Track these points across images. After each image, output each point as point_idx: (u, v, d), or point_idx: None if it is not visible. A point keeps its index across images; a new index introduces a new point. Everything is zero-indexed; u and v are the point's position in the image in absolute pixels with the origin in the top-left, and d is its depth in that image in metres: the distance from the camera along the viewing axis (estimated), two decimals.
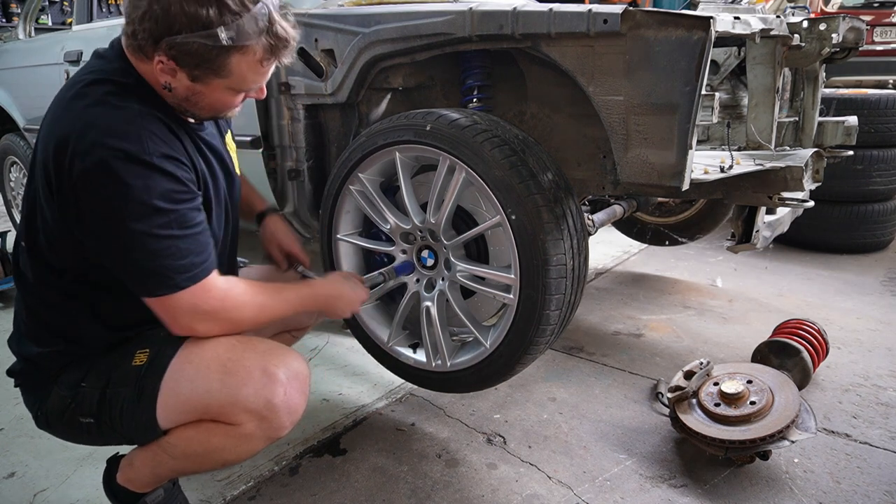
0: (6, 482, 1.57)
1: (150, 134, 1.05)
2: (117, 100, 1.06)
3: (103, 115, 1.03)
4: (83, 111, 1.04)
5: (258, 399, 1.10)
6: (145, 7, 1.00)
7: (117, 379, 1.15)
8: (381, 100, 1.86)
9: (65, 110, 1.07)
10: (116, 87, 1.07)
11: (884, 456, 1.59)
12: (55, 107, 1.10)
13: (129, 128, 1.03)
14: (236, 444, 1.15)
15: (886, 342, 2.24)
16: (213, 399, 1.11)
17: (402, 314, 1.71)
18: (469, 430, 1.75)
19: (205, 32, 1.00)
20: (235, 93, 1.13)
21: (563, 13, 1.35)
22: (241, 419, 1.11)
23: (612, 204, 2.12)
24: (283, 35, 1.07)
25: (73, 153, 1.01)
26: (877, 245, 3.29)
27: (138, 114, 1.05)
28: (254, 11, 1.02)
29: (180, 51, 1.01)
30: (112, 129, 1.02)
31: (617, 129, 1.37)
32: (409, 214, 1.60)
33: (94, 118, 1.03)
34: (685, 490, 1.48)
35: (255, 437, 1.14)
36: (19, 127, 3.33)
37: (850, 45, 1.97)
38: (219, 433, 1.14)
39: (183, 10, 0.99)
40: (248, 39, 1.03)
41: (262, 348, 1.16)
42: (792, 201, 1.58)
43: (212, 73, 1.06)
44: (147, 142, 1.04)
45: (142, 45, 1.04)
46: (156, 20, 1.00)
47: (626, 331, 2.38)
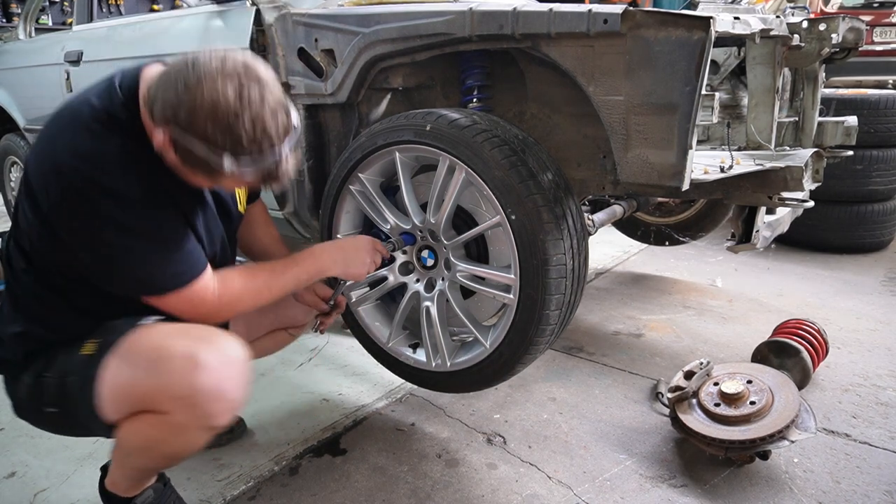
0: (6, 482, 1.57)
1: (134, 173, 1.06)
2: (112, 135, 1.07)
3: (93, 147, 1.05)
4: (76, 138, 1.05)
5: (182, 385, 1.05)
6: (176, 93, 0.99)
7: (69, 368, 1.15)
8: (381, 100, 1.86)
9: (61, 131, 1.07)
10: (114, 122, 1.08)
11: (883, 456, 1.59)
12: (55, 123, 1.10)
13: (115, 164, 1.05)
14: (173, 436, 1.11)
15: (886, 342, 2.24)
16: (140, 387, 1.09)
17: (402, 314, 1.71)
18: (469, 430, 1.75)
19: (212, 150, 1.00)
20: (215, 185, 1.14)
21: (563, 13, 1.35)
22: (169, 407, 1.07)
23: (612, 204, 2.12)
24: (283, 173, 1.07)
25: (58, 177, 1.04)
26: (877, 245, 3.29)
27: (126, 151, 1.07)
28: (264, 157, 1.03)
29: (182, 145, 1.01)
30: (98, 163, 1.04)
31: (617, 129, 1.37)
32: (409, 214, 1.60)
33: (83, 149, 1.05)
34: (685, 490, 1.48)
35: (190, 427, 1.09)
36: (19, 127, 3.33)
37: (850, 45, 1.97)
38: (154, 424, 1.10)
39: (205, 124, 0.98)
40: (248, 174, 1.04)
41: (195, 334, 1.12)
42: (792, 201, 1.58)
43: (200, 172, 1.06)
44: (129, 179, 1.06)
45: (154, 112, 1.03)
46: (177, 109, 0.99)
47: (626, 331, 2.38)
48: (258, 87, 1.00)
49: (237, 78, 0.98)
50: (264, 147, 1.02)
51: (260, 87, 1.00)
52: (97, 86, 1.13)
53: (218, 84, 0.97)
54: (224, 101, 0.97)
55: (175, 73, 1.00)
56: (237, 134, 0.99)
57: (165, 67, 1.04)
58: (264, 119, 1.00)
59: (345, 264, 1.40)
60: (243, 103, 0.98)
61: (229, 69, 0.99)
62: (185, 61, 1.00)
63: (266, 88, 1.01)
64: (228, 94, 0.97)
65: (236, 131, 0.98)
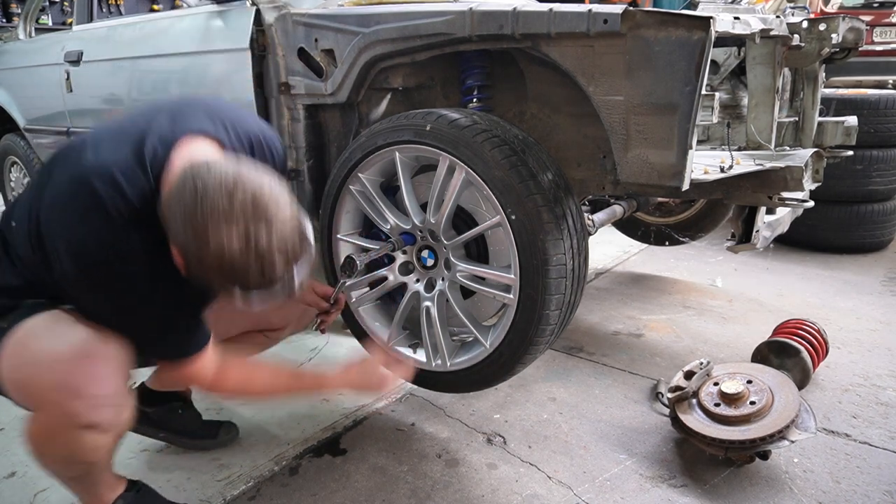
0: (6, 482, 1.57)
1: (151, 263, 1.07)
2: (135, 230, 1.06)
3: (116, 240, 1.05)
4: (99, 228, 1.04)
5: (41, 384, 1.05)
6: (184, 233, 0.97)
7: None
8: (381, 100, 1.86)
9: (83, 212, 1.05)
10: (139, 216, 1.06)
11: (883, 456, 1.59)
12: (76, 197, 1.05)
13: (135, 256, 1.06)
14: (52, 435, 1.09)
15: (886, 342, 2.24)
16: (14, 380, 1.09)
17: (402, 314, 1.71)
18: (469, 430, 1.75)
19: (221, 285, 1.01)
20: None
21: (563, 13, 1.35)
22: (34, 405, 1.08)
23: (612, 204, 2.12)
24: (294, 292, 1.07)
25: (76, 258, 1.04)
26: (877, 245, 3.29)
27: (146, 245, 1.06)
28: (273, 289, 1.02)
29: (195, 272, 1.01)
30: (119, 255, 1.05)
31: (617, 129, 1.37)
32: (409, 214, 1.60)
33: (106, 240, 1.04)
34: (685, 490, 1.48)
35: (60, 426, 1.07)
36: (19, 127, 3.33)
37: (850, 45, 1.97)
38: (34, 423, 1.10)
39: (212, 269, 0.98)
40: (257, 302, 1.04)
41: (62, 332, 1.09)
42: (792, 201, 1.58)
43: (212, 289, 1.08)
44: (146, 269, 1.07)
45: (168, 232, 1.01)
46: (186, 248, 0.99)
47: (626, 331, 2.38)
48: (265, 227, 0.97)
49: (244, 222, 0.95)
50: (273, 281, 1.01)
51: (267, 227, 0.97)
52: (124, 158, 1.08)
53: (223, 232, 0.95)
54: (229, 251, 0.95)
55: (184, 205, 0.97)
56: (244, 278, 0.99)
57: (186, 179, 0.99)
58: (273, 260, 0.99)
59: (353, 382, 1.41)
60: (250, 250, 0.96)
61: (237, 210, 0.95)
62: (194, 188, 0.96)
63: (274, 226, 0.98)
64: (234, 245, 0.95)
65: (242, 276, 0.99)
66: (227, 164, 1.00)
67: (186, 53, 2.20)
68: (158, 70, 2.34)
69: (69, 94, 2.81)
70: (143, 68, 2.40)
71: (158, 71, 2.34)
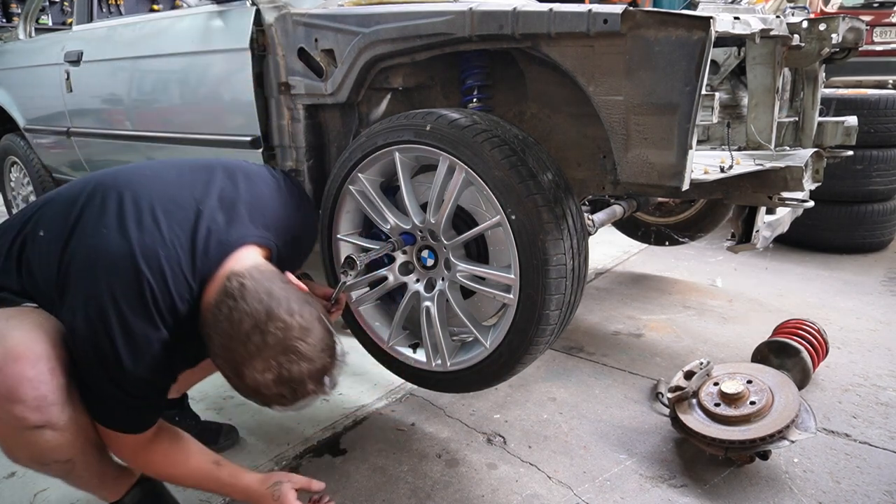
0: (6, 482, 1.57)
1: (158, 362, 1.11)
2: (163, 328, 1.10)
3: (141, 335, 1.08)
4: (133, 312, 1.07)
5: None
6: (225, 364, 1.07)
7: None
8: (381, 100, 1.86)
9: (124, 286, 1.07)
10: (174, 315, 1.11)
11: (883, 456, 1.59)
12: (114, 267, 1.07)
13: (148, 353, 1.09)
14: (12, 438, 1.08)
15: (886, 342, 2.24)
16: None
17: (402, 314, 1.71)
18: (469, 430, 1.75)
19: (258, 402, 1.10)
20: None
21: (563, 13, 1.35)
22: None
23: (612, 204, 2.12)
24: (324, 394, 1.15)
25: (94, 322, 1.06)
26: (877, 245, 3.29)
27: (166, 346, 1.11)
28: (307, 403, 1.12)
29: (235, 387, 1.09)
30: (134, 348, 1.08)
31: (617, 129, 1.37)
32: (409, 214, 1.60)
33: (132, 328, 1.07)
34: (685, 490, 1.48)
35: (10, 430, 1.06)
36: (19, 127, 3.33)
37: (850, 45, 1.97)
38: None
39: (250, 395, 1.08)
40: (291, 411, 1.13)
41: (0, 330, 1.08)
42: (792, 201, 1.58)
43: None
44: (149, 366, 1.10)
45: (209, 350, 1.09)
46: (227, 376, 1.08)
47: (626, 331, 2.38)
48: (296, 359, 1.05)
49: (275, 358, 1.04)
50: (305, 399, 1.11)
51: (298, 358, 1.05)
52: (175, 250, 1.12)
53: (257, 368, 1.04)
54: (264, 384, 1.05)
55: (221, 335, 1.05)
56: (278, 402, 1.08)
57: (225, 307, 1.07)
58: (305, 387, 1.08)
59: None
60: (282, 381, 1.05)
61: (269, 347, 1.03)
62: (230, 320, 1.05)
63: (304, 356, 1.06)
64: (268, 378, 1.04)
65: (277, 400, 1.08)
66: (260, 296, 1.06)
67: (186, 53, 2.20)
68: (158, 70, 2.34)
69: (69, 94, 2.81)
70: (143, 68, 2.40)
71: (158, 71, 2.34)
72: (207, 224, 1.16)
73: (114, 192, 1.15)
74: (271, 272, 1.15)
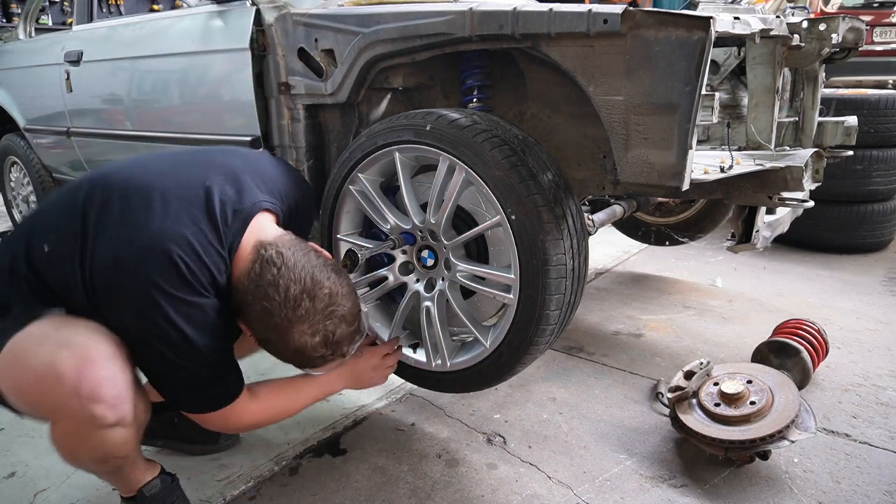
0: (6, 482, 1.57)
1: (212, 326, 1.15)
2: (209, 297, 1.14)
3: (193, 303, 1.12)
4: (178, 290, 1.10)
5: (53, 398, 1.07)
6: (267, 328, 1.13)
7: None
8: (381, 100, 1.86)
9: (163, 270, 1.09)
10: (215, 287, 1.15)
11: (883, 456, 1.59)
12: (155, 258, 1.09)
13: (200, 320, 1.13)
14: (77, 440, 1.12)
15: (886, 342, 2.24)
16: (23, 398, 1.11)
17: (402, 314, 1.71)
18: (469, 430, 1.75)
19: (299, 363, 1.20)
20: None
21: (563, 13, 1.35)
22: (53, 417, 1.11)
23: (612, 204, 2.12)
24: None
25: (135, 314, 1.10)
26: (877, 245, 3.29)
27: (216, 310, 1.16)
28: (337, 361, 1.22)
29: (273, 352, 1.19)
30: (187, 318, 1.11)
31: (617, 129, 1.37)
32: (409, 214, 1.60)
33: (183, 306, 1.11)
34: (685, 490, 1.48)
35: (83, 431, 1.10)
36: (19, 127, 3.33)
37: (850, 45, 1.97)
38: (56, 432, 1.13)
39: (292, 358, 1.16)
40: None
41: (58, 338, 1.09)
42: (792, 201, 1.58)
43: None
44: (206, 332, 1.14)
45: (246, 321, 1.17)
46: (268, 342, 1.16)
47: (626, 331, 2.38)
48: (338, 322, 1.14)
49: (321, 323, 1.12)
50: (341, 356, 1.21)
51: (341, 322, 1.15)
52: (198, 225, 1.14)
53: (305, 333, 1.12)
54: (311, 346, 1.13)
55: (266, 301, 1.10)
56: (322, 361, 1.18)
57: (263, 277, 1.11)
58: (346, 345, 1.18)
59: (353, 380, 1.51)
60: (328, 343, 1.14)
61: (317, 313, 1.11)
62: (276, 286, 1.10)
63: (345, 318, 1.15)
64: (316, 341, 1.13)
65: (320, 360, 1.17)
66: (301, 262, 1.12)
67: (186, 53, 2.20)
68: (158, 70, 2.34)
69: (69, 94, 2.81)
70: (143, 68, 2.40)
71: (158, 71, 2.34)
72: (219, 197, 1.18)
73: (116, 193, 1.16)
74: (297, 240, 1.21)
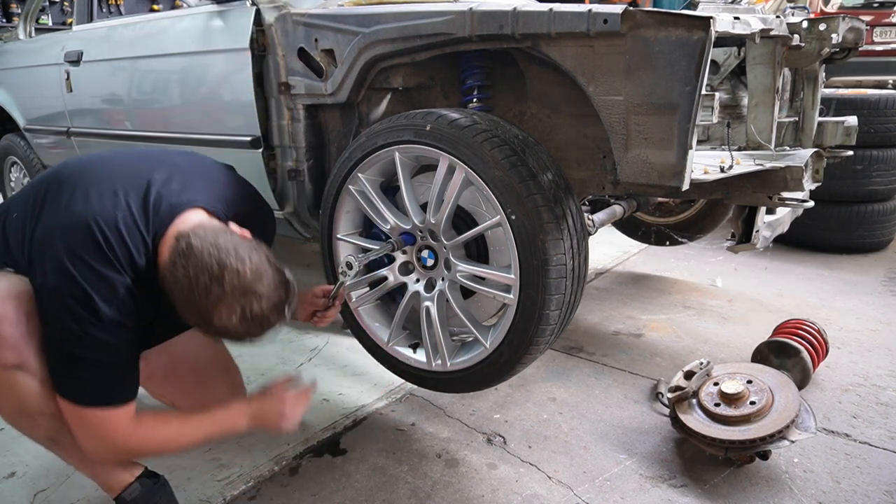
0: (6, 482, 1.57)
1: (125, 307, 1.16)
2: (125, 275, 1.16)
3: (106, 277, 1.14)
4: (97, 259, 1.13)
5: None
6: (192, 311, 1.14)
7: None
8: (381, 100, 1.86)
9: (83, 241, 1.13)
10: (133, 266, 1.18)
11: (883, 456, 1.59)
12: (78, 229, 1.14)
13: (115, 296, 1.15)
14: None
15: (886, 342, 2.24)
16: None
17: (402, 314, 1.71)
18: (469, 430, 1.75)
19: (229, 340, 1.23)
20: None
21: (563, 13, 1.35)
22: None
23: (612, 204, 2.12)
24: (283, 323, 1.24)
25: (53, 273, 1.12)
26: (877, 245, 3.29)
27: (129, 291, 1.17)
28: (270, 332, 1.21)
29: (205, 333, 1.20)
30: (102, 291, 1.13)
31: (617, 129, 1.37)
32: (408, 214, 1.60)
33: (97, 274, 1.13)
34: (685, 490, 1.48)
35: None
36: (19, 127, 3.33)
37: (850, 45, 1.97)
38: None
39: (218, 334, 1.17)
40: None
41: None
42: (792, 201, 1.58)
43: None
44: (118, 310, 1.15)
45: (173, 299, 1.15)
46: (196, 320, 1.16)
47: (626, 331, 2.38)
48: (256, 299, 1.14)
49: (237, 301, 1.12)
50: (270, 328, 1.21)
51: (258, 298, 1.14)
52: (129, 211, 1.19)
53: (222, 313, 1.12)
54: (231, 325, 1.14)
55: (181, 289, 1.13)
56: (246, 337, 1.18)
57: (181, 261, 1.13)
58: (268, 319, 1.17)
59: (257, 420, 1.37)
60: (246, 320, 1.14)
61: (228, 293, 1.11)
62: (186, 275, 1.12)
63: (262, 294, 1.15)
64: (233, 320, 1.13)
65: (245, 336, 1.18)
66: (208, 250, 1.13)
67: (186, 53, 2.20)
68: (158, 70, 2.34)
69: (69, 94, 2.81)
70: (143, 68, 2.40)
71: (158, 71, 2.34)
72: (158, 189, 1.24)
73: (70, 180, 1.24)
74: (214, 226, 1.21)
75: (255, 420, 1.35)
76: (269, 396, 1.37)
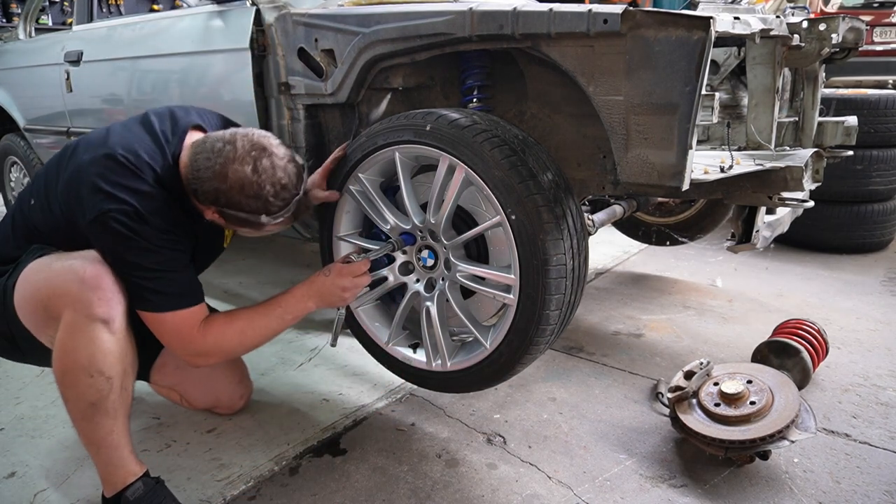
0: (6, 482, 1.57)
1: (167, 217, 1.34)
2: (160, 192, 1.34)
3: (147, 194, 1.32)
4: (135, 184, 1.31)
5: (65, 283, 1.27)
6: (211, 181, 1.29)
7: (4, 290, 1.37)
8: (381, 100, 1.86)
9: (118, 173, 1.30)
10: (162, 183, 1.35)
11: (883, 456, 1.60)
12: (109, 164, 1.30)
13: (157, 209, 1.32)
14: (74, 338, 1.26)
15: (886, 342, 2.24)
16: (38, 294, 1.31)
17: (402, 314, 1.71)
18: (469, 430, 1.75)
19: (251, 214, 1.33)
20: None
21: (563, 13, 1.35)
22: (59, 306, 1.27)
23: (612, 204, 2.12)
24: (308, 205, 1.46)
25: (94, 208, 1.28)
26: (877, 245, 3.29)
27: (167, 202, 1.35)
28: (289, 204, 1.36)
29: (229, 215, 1.34)
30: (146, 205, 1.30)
31: (617, 129, 1.37)
32: (409, 214, 1.60)
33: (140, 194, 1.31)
34: (685, 490, 1.48)
35: (79, 321, 1.25)
36: (19, 127, 3.33)
37: (850, 45, 1.97)
38: (60, 332, 1.27)
39: (239, 199, 1.30)
40: (282, 220, 1.38)
41: (67, 256, 1.34)
42: (792, 201, 1.58)
43: (247, 228, 1.39)
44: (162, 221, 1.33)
45: (198, 196, 1.34)
46: (217, 194, 1.30)
47: (626, 331, 2.38)
48: (266, 156, 1.31)
49: (249, 156, 1.29)
50: (287, 198, 1.34)
51: (268, 156, 1.31)
52: (145, 140, 1.37)
53: (237, 168, 1.28)
54: (247, 179, 1.28)
55: (205, 165, 1.30)
56: (264, 197, 1.31)
57: (198, 149, 1.33)
58: (280, 178, 1.31)
59: (321, 298, 1.51)
60: (259, 172, 1.29)
61: (240, 151, 1.29)
62: (208, 150, 1.31)
63: (274, 155, 1.32)
64: (248, 173, 1.28)
65: (263, 196, 1.30)
66: (223, 133, 1.33)
67: (186, 53, 2.20)
68: (158, 70, 2.34)
69: (69, 94, 2.81)
70: (143, 68, 2.40)
71: (158, 71, 2.34)
72: (159, 126, 1.41)
73: (79, 143, 1.41)
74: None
75: (319, 298, 1.50)
76: (328, 274, 1.50)
